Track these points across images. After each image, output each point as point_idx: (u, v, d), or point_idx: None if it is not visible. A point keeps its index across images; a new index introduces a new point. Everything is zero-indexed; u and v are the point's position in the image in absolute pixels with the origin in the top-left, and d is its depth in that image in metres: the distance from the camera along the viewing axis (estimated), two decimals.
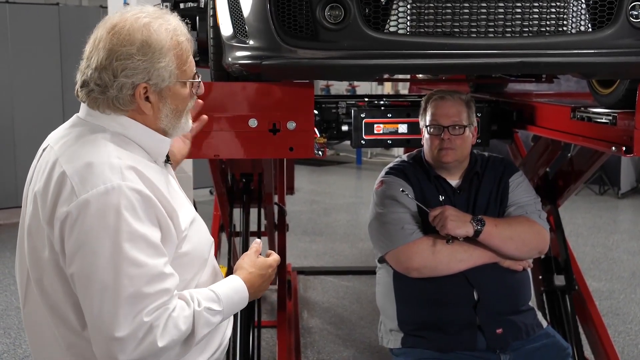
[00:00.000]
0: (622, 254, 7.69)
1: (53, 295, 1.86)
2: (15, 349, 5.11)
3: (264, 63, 2.55)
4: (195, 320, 1.84)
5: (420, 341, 3.10)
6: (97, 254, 1.72)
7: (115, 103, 1.86)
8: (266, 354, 4.84)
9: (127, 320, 1.72)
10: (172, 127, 1.97)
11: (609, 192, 10.72)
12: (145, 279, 1.74)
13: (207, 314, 1.88)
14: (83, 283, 1.75)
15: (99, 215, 1.72)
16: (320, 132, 3.33)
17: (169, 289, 1.79)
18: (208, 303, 1.89)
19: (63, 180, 1.78)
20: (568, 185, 4.26)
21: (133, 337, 1.72)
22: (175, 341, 1.79)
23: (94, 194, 1.73)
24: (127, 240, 1.73)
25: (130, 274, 1.72)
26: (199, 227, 2.05)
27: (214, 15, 2.93)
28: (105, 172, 1.76)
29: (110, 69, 1.82)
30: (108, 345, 1.73)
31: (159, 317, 1.75)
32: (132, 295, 1.72)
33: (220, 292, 1.95)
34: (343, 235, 8.52)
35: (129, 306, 1.72)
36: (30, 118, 8.82)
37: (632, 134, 2.71)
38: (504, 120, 3.82)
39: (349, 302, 6.16)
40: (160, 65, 1.85)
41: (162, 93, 1.90)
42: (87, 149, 1.82)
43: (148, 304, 1.74)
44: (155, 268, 1.77)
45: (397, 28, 2.48)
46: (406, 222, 3.08)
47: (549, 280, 4.27)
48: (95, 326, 1.75)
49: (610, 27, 2.54)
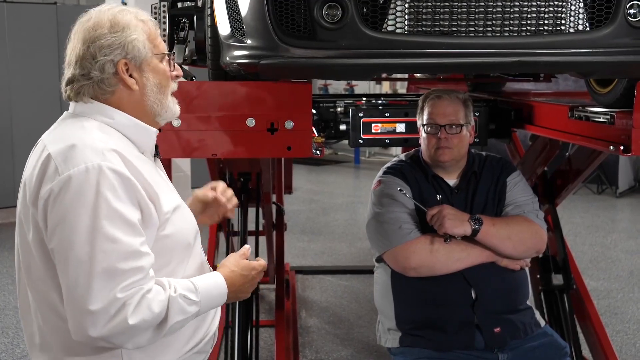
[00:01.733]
0: (620, 253, 7.69)
1: (39, 280, 1.91)
2: (14, 349, 5.11)
3: (262, 62, 2.55)
4: (170, 306, 1.86)
5: (418, 340, 3.10)
6: (75, 228, 1.77)
7: (102, 86, 1.94)
8: (264, 353, 4.84)
9: (101, 295, 1.76)
10: (160, 105, 2.03)
11: (607, 191, 10.73)
12: (120, 255, 1.78)
13: (182, 302, 1.89)
14: (61, 257, 1.80)
15: (78, 192, 1.78)
16: (318, 132, 3.33)
17: (143, 267, 1.82)
18: (184, 291, 1.91)
19: (48, 161, 1.84)
20: (566, 184, 4.26)
21: (105, 312, 1.76)
22: (147, 322, 1.81)
23: (75, 172, 1.79)
24: (105, 217, 1.78)
25: (105, 249, 1.77)
26: (183, 214, 2.07)
27: (212, 15, 2.93)
28: (87, 153, 1.82)
29: (88, 54, 1.92)
30: (81, 319, 1.77)
31: (132, 295, 1.78)
32: (106, 270, 1.76)
33: (199, 284, 1.97)
34: (341, 234, 8.52)
35: (103, 281, 1.76)
36: (28, 117, 8.81)
37: (630, 133, 2.71)
38: (502, 119, 3.82)
39: (347, 301, 6.16)
40: (132, 37, 1.94)
41: (142, 67, 1.97)
42: (72, 133, 1.90)
43: (122, 280, 1.78)
44: (131, 246, 1.81)
45: (395, 27, 2.48)
46: (404, 222, 3.08)
47: (547, 280, 4.28)
48: (70, 299, 1.79)
49: (608, 27, 2.54)
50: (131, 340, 1.82)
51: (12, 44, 8.90)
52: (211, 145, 2.83)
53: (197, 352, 2.12)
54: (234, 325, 3.91)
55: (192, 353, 2.10)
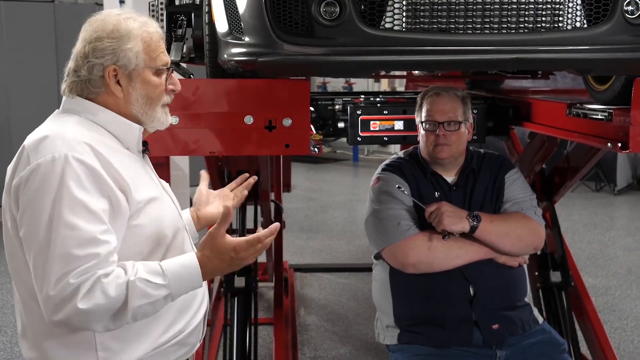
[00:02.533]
0: (618, 251, 7.70)
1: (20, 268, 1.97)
2: (12, 347, 5.11)
3: (260, 60, 2.55)
4: (129, 290, 1.86)
5: (417, 337, 3.10)
6: (38, 215, 1.84)
7: (89, 86, 2.00)
8: (263, 350, 4.84)
9: (55, 279, 1.81)
10: (145, 115, 2.07)
11: (605, 188, 10.74)
12: (77, 241, 1.82)
13: (143, 285, 1.88)
14: (27, 243, 1.87)
15: (43, 180, 1.84)
16: (316, 129, 3.33)
17: (99, 254, 1.84)
18: (148, 275, 1.90)
19: (22, 152, 1.92)
20: (564, 181, 4.26)
21: (59, 297, 1.81)
22: (102, 306, 1.83)
23: (43, 161, 1.85)
24: (66, 205, 1.83)
25: (63, 235, 1.82)
26: (162, 207, 2.08)
27: (210, 12, 2.93)
28: (56, 143, 1.88)
29: (82, 53, 1.99)
30: (43, 304, 1.84)
31: (85, 280, 1.82)
32: (62, 256, 1.81)
33: (167, 266, 1.95)
34: (340, 232, 8.53)
35: (59, 266, 1.81)
36: (26, 115, 8.78)
37: (627, 130, 2.72)
38: (500, 116, 3.83)
39: (346, 299, 6.16)
40: (127, 47, 1.99)
41: (132, 76, 2.02)
42: (48, 126, 1.98)
43: (76, 267, 1.81)
44: (89, 233, 1.84)
45: (393, 24, 2.48)
46: (402, 219, 3.08)
47: (545, 277, 4.28)
48: (36, 285, 1.86)
49: (606, 24, 2.54)
50: (90, 323, 1.86)
51: (10, 42, 8.88)
52: (209, 143, 2.83)
53: (177, 343, 2.11)
54: (233, 323, 3.91)
55: (171, 344, 2.09)
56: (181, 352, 2.14)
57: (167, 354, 2.10)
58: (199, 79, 2.92)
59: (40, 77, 8.86)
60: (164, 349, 2.08)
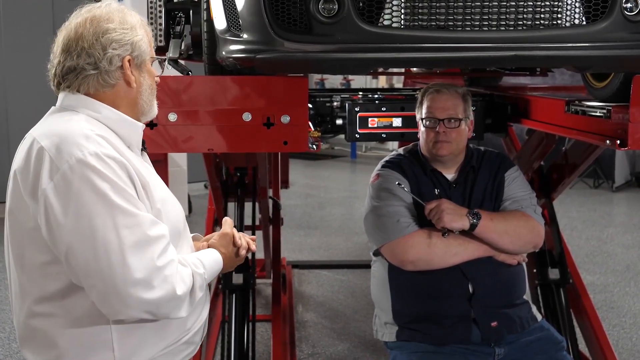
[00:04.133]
0: (617, 248, 7.70)
1: (32, 270, 1.93)
2: (10, 343, 5.11)
3: (258, 57, 2.55)
4: (195, 280, 1.96)
5: (415, 334, 3.10)
6: (92, 216, 1.80)
7: (105, 77, 1.99)
8: (261, 347, 4.84)
9: (140, 265, 1.81)
10: (148, 105, 2.11)
11: (603, 185, 10.74)
12: (143, 225, 1.84)
13: (201, 279, 1.99)
14: (85, 250, 1.80)
15: (82, 180, 1.81)
16: (314, 126, 3.33)
17: (165, 235, 1.90)
18: (202, 269, 2.02)
19: (41, 154, 1.86)
20: (562, 178, 4.26)
21: (150, 282, 1.82)
22: (185, 294, 1.91)
23: (73, 162, 1.82)
24: (117, 196, 1.82)
25: (128, 224, 1.82)
26: (173, 204, 2.12)
27: (208, 9, 2.92)
28: (80, 141, 1.85)
29: (99, 45, 1.97)
30: (129, 293, 1.80)
31: (170, 266, 1.87)
32: (136, 242, 1.82)
33: (205, 261, 2.06)
34: (338, 229, 8.53)
35: (137, 253, 1.81)
36: (24, 111, 8.76)
37: (626, 127, 2.72)
38: (499, 113, 3.82)
39: (344, 295, 6.17)
40: (139, 37, 2.03)
41: (141, 67, 2.06)
42: (62, 126, 1.92)
43: (155, 249, 1.84)
44: (147, 216, 1.88)
45: (391, 21, 2.48)
46: (402, 215, 3.08)
47: (543, 274, 4.28)
48: (110, 285, 1.80)
49: (605, 21, 2.53)
50: (175, 310, 1.91)
51: (8, 38, 8.87)
52: (207, 139, 2.82)
53: (185, 342, 2.13)
54: (231, 320, 3.91)
55: (180, 343, 2.10)
56: (188, 351, 2.16)
57: (176, 353, 2.11)
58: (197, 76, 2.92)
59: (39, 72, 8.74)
60: (173, 347, 2.09)
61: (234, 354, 3.83)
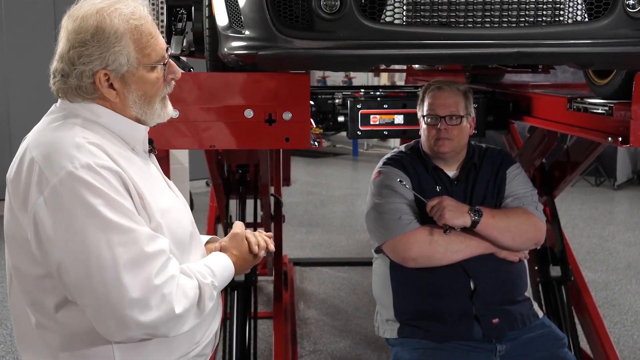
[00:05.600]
0: (618, 245, 7.70)
1: (28, 281, 1.84)
2: (12, 340, 5.11)
3: (260, 53, 2.55)
4: (202, 291, 1.86)
5: (417, 331, 3.10)
6: (84, 233, 1.68)
7: (79, 92, 1.84)
8: (262, 344, 4.85)
9: (136, 284, 1.70)
10: (144, 114, 1.92)
11: (605, 183, 10.73)
12: (140, 242, 1.72)
13: (211, 288, 1.89)
14: (80, 268, 1.70)
15: (73, 195, 1.69)
16: (316, 123, 3.32)
17: (164, 250, 1.78)
18: (211, 278, 1.91)
19: (32, 166, 1.75)
20: (564, 176, 4.26)
21: (146, 299, 1.71)
22: (187, 310, 1.80)
23: (63, 175, 1.70)
24: (110, 211, 1.70)
25: (122, 242, 1.70)
26: (176, 215, 1.99)
27: (210, 6, 2.92)
28: (71, 152, 1.73)
29: (67, 58, 1.82)
30: (126, 313, 1.70)
31: (168, 283, 1.75)
32: (132, 260, 1.70)
33: (215, 268, 1.96)
34: (339, 226, 8.53)
35: (133, 271, 1.70)
36: (26, 109, 8.78)
37: (628, 125, 2.71)
38: (500, 111, 3.82)
39: (345, 293, 6.17)
40: (115, 50, 1.81)
41: (125, 79, 1.85)
42: (54, 133, 1.80)
43: (152, 265, 1.73)
44: (144, 231, 1.75)
45: (393, 18, 2.48)
46: (403, 212, 3.08)
47: (545, 271, 4.28)
48: (105, 304, 1.70)
49: (607, 17, 2.53)
50: (176, 327, 1.80)
51: (10, 35, 8.87)
52: (209, 136, 2.82)
53: (195, 356, 2.02)
54: (232, 317, 3.91)
55: (189, 358, 2.00)
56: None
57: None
58: (199, 73, 2.91)
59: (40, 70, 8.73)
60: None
61: (235, 351, 3.83)
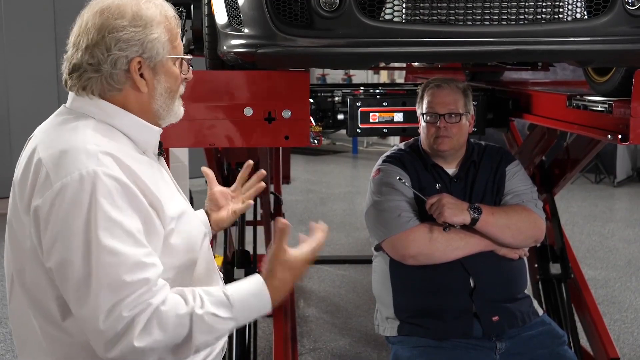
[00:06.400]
0: (618, 243, 7.70)
1: (33, 287, 1.79)
2: (12, 339, 5.10)
3: (259, 51, 2.55)
4: (193, 323, 1.70)
5: (417, 329, 3.10)
6: (72, 245, 1.64)
7: (110, 81, 1.79)
8: (263, 342, 4.85)
9: (106, 312, 1.62)
10: (166, 109, 1.90)
11: (604, 180, 10.73)
12: (123, 267, 1.64)
13: (211, 321, 1.73)
14: (62, 276, 1.67)
15: (73, 204, 1.64)
16: (315, 121, 3.33)
17: (148, 279, 1.66)
18: (215, 308, 1.74)
19: (39, 168, 1.71)
20: (564, 173, 4.26)
21: (112, 333, 1.63)
22: (160, 343, 1.66)
23: (68, 181, 1.65)
24: (103, 229, 1.63)
25: (105, 263, 1.63)
26: (189, 219, 1.95)
27: (209, 4, 2.92)
28: (80, 158, 1.67)
29: (102, 44, 1.76)
30: (95, 340, 1.66)
31: (139, 312, 1.64)
32: (109, 286, 1.62)
33: (235, 297, 1.79)
34: (339, 224, 8.52)
35: (107, 298, 1.62)
36: (26, 107, 8.79)
37: (628, 122, 2.71)
38: (500, 108, 3.82)
39: (345, 291, 6.17)
40: (153, 36, 1.80)
41: (156, 69, 1.83)
42: (65, 136, 1.75)
43: (126, 295, 1.63)
44: (134, 257, 1.65)
45: (393, 16, 2.48)
46: (403, 210, 3.08)
47: (544, 269, 4.28)
48: (81, 320, 1.68)
49: (606, 15, 2.53)
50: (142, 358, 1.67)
51: (9, 33, 8.86)
52: (209, 134, 2.82)
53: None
54: None
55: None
56: None
57: None
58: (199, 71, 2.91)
59: (40, 68, 8.85)
60: None
61: (235, 350, 3.83)
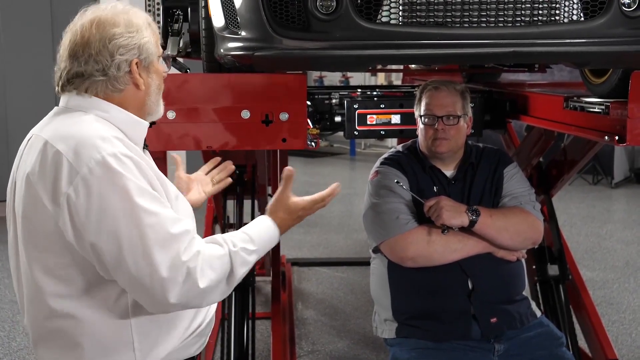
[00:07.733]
0: (616, 244, 7.71)
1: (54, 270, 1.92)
2: (10, 342, 5.11)
3: (256, 54, 2.55)
4: (233, 259, 1.98)
5: (415, 331, 3.10)
6: (116, 217, 1.82)
7: (114, 83, 1.98)
8: (261, 345, 4.84)
9: (165, 262, 1.83)
10: (156, 105, 2.11)
11: (602, 181, 10.74)
12: (168, 223, 1.86)
13: (244, 254, 2.02)
14: (111, 250, 1.84)
15: (105, 182, 1.82)
16: (313, 123, 3.33)
17: (188, 230, 1.91)
18: (244, 244, 2.04)
19: (59, 159, 1.85)
20: (561, 175, 4.26)
21: (175, 277, 1.85)
22: (215, 281, 1.93)
23: (93, 164, 1.83)
24: (138, 196, 1.84)
25: (152, 223, 1.84)
26: (184, 203, 2.16)
27: (206, 7, 2.92)
28: (97, 143, 1.86)
29: (106, 52, 1.96)
30: (158, 291, 1.85)
31: (193, 259, 1.88)
32: (160, 241, 1.84)
33: (252, 233, 2.10)
34: (337, 226, 8.52)
35: (162, 251, 1.84)
36: (23, 108, 8.76)
37: (625, 123, 2.71)
38: (497, 110, 3.82)
39: (344, 293, 6.17)
40: (145, 39, 2.01)
41: (149, 68, 2.04)
42: (74, 128, 1.92)
43: (179, 246, 1.86)
44: (170, 214, 1.90)
45: (390, 18, 2.48)
46: (401, 212, 3.08)
47: (542, 270, 4.28)
48: (139, 284, 1.85)
49: (603, 17, 2.53)
50: (206, 299, 1.94)
51: (6, 34, 8.84)
52: (206, 137, 2.83)
53: (198, 334, 2.17)
54: (230, 318, 3.91)
55: (194, 336, 2.14)
56: (200, 342, 2.20)
57: (191, 345, 2.15)
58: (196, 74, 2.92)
59: (38, 70, 8.82)
60: (189, 340, 2.13)
61: (233, 352, 3.83)
